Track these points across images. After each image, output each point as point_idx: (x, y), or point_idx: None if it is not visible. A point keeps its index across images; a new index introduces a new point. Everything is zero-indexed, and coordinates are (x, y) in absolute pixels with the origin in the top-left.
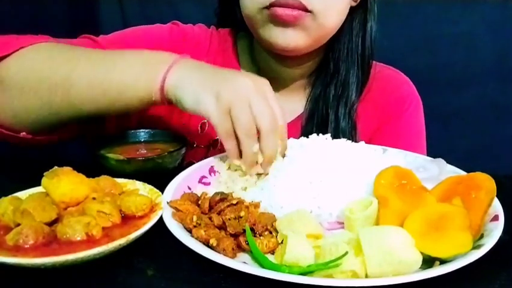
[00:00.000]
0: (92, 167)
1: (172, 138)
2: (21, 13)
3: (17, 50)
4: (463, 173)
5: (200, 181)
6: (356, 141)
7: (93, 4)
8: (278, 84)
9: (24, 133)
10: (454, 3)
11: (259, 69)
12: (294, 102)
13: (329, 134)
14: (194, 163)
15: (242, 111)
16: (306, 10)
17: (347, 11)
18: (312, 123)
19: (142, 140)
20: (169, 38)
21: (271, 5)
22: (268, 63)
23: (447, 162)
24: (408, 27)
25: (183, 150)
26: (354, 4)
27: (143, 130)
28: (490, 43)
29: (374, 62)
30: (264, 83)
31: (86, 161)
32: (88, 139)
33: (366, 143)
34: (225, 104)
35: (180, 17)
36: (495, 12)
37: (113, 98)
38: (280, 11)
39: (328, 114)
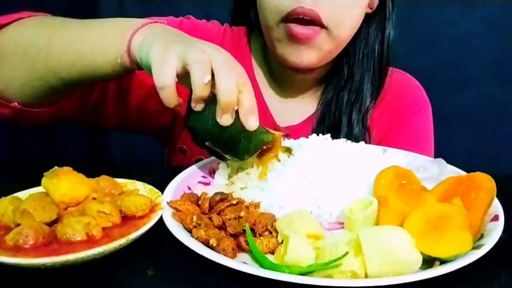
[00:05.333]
0: (92, 167)
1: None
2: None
3: (16, 21)
4: (463, 173)
5: (200, 181)
6: None
7: (93, 4)
8: (290, 85)
9: (15, 103)
10: (454, 3)
11: (271, 70)
12: (305, 104)
13: (329, 135)
14: (202, 159)
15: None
16: (321, 25)
17: (361, 19)
18: (323, 126)
19: None
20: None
21: (289, 16)
22: (279, 66)
23: (447, 162)
24: (409, 27)
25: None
26: (370, 11)
27: None
28: (490, 43)
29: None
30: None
31: (86, 161)
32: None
33: (375, 145)
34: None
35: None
36: (495, 12)
37: (86, 61)
38: (296, 29)
39: (340, 118)
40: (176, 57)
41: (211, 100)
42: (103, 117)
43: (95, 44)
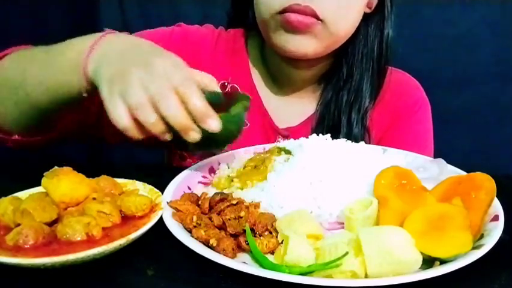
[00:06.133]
0: (92, 167)
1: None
2: (21, 13)
3: (3, 57)
4: (463, 173)
5: (200, 181)
6: None
7: (93, 4)
8: (288, 85)
9: (16, 136)
10: (454, 3)
11: (270, 70)
12: (304, 105)
13: (329, 135)
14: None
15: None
16: (317, 18)
17: (358, 18)
18: (322, 127)
19: None
20: (167, 42)
21: (285, 11)
22: (278, 65)
23: (447, 162)
24: (409, 27)
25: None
26: (368, 11)
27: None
28: (490, 43)
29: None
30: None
31: (86, 161)
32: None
33: (375, 145)
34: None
35: (180, 17)
36: (495, 12)
37: (56, 92)
38: (293, 17)
39: (340, 119)
40: (120, 99)
41: None
42: (102, 131)
43: (59, 74)
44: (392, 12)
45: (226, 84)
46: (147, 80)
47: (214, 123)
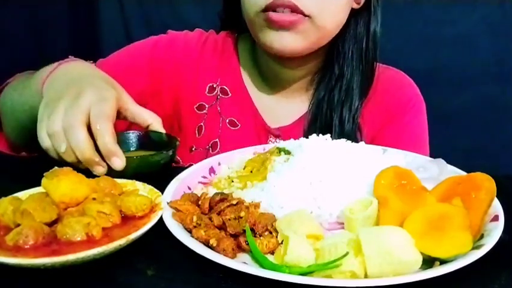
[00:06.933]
0: None
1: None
2: (22, 13)
3: (7, 85)
4: (463, 173)
5: (200, 181)
6: None
7: (93, 4)
8: (280, 85)
9: (23, 153)
10: (454, 3)
11: (261, 70)
12: (297, 103)
13: (329, 135)
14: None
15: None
16: (303, 14)
17: (345, 12)
18: (315, 126)
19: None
20: (153, 51)
21: (267, 8)
22: (269, 64)
23: (447, 162)
24: (408, 27)
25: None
26: (357, 7)
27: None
28: (490, 43)
29: (377, 63)
30: (101, 105)
31: None
32: None
33: (368, 143)
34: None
35: (180, 18)
36: (495, 12)
37: (33, 113)
38: (275, 16)
39: (332, 118)
40: (45, 123)
41: None
42: None
43: (30, 99)
44: (378, 7)
45: (214, 86)
46: (69, 111)
47: (117, 162)
